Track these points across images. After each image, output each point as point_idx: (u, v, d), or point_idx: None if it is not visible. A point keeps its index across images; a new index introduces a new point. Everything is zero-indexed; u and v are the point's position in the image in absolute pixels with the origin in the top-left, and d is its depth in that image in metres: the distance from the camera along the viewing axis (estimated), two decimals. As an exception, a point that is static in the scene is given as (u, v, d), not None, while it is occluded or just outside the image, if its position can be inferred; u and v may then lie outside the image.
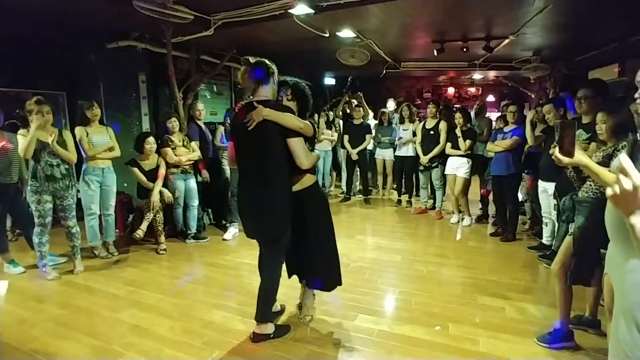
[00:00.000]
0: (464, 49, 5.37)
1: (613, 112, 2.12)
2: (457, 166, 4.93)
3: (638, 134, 1.40)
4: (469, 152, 4.85)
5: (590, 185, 2.27)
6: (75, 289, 3.25)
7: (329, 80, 8.89)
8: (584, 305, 2.55)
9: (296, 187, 2.38)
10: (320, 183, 6.74)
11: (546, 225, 3.92)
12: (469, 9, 4.08)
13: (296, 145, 2.24)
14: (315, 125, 6.55)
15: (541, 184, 3.77)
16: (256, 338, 2.40)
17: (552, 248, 3.64)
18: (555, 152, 1.57)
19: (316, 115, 6.64)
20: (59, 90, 5.59)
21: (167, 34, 4.13)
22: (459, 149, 4.88)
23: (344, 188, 6.73)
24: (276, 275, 2.42)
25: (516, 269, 3.67)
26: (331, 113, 7.17)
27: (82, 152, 3.79)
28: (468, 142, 4.79)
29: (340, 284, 2.64)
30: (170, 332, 2.55)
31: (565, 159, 1.54)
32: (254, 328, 2.45)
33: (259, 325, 2.42)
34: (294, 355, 2.29)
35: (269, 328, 2.43)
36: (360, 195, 6.72)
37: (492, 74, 8.68)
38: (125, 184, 4.92)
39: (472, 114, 6.12)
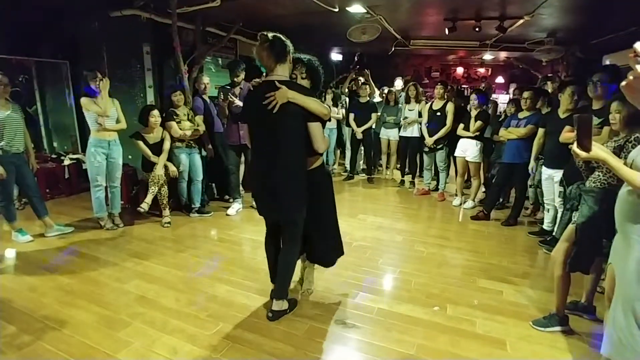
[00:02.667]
0: (477, 29, 5.24)
1: (628, 102, 2.08)
2: (466, 148, 4.89)
3: None
4: (478, 133, 4.79)
5: (599, 175, 2.26)
6: (82, 259, 3.32)
7: (336, 56, 8.72)
8: (581, 291, 2.60)
9: (308, 168, 2.39)
10: (324, 161, 6.79)
11: (548, 211, 3.93)
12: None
13: (316, 129, 2.25)
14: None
15: (546, 171, 3.76)
16: (275, 316, 2.44)
17: (553, 234, 3.67)
18: (573, 147, 1.55)
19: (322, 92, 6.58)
20: (62, 59, 5.52)
21: (172, 3, 4.02)
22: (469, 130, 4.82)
23: (348, 166, 6.72)
24: (296, 254, 2.47)
25: (516, 253, 3.71)
26: (337, 90, 7.08)
27: (89, 124, 3.79)
28: (478, 123, 4.71)
29: (342, 253, 2.72)
30: (175, 304, 2.63)
31: (583, 154, 1.53)
32: (267, 304, 2.52)
33: (277, 302, 2.46)
34: (296, 330, 2.36)
35: (285, 304, 2.49)
36: (364, 174, 6.72)
37: (503, 54, 8.50)
38: (130, 157, 4.93)
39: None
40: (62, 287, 2.82)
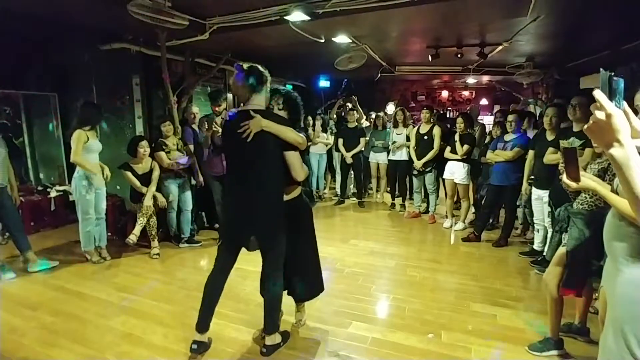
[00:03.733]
0: (459, 55, 5.42)
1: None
2: (454, 171, 4.95)
3: None
4: (465, 157, 4.86)
5: (585, 197, 2.30)
6: (67, 295, 3.22)
7: (324, 83, 8.90)
8: (574, 312, 2.59)
9: (285, 198, 2.36)
10: (314, 186, 6.82)
11: (538, 231, 3.97)
12: (464, 16, 4.11)
13: (293, 158, 2.24)
14: (310, 130, 6.58)
15: (535, 192, 3.82)
16: (269, 351, 2.36)
17: (544, 255, 3.68)
18: (563, 177, 1.61)
19: (310, 118, 6.69)
20: (50, 92, 5.52)
21: (162, 37, 4.09)
22: (457, 153, 4.90)
23: (338, 191, 6.74)
24: (281, 284, 2.40)
25: (508, 274, 3.71)
26: (326, 116, 7.18)
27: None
28: (465, 147, 4.80)
29: (321, 290, 2.65)
30: (163, 340, 2.54)
31: (573, 184, 1.59)
32: (258, 338, 2.46)
33: (269, 337, 2.38)
34: (289, 364, 2.30)
35: (278, 337, 2.41)
36: (354, 199, 6.74)
37: (485, 78, 8.77)
38: (118, 187, 4.88)
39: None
40: (45, 326, 2.71)
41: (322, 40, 4.58)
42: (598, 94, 0.92)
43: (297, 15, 3.56)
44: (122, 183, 4.41)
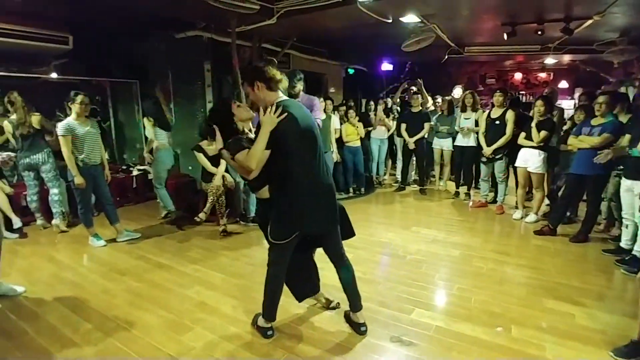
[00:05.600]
0: (539, 32, 4.95)
1: None
2: (527, 158, 4.59)
3: None
4: (542, 144, 4.47)
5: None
6: (148, 264, 3.56)
7: (386, 66, 8.68)
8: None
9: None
10: (374, 172, 6.75)
11: (626, 227, 3.57)
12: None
13: None
14: (372, 115, 6.49)
15: (625, 182, 3.43)
16: (366, 328, 2.43)
17: (633, 254, 3.32)
18: None
19: (372, 103, 6.58)
20: (132, 79, 6.02)
21: (233, 23, 4.24)
22: (532, 139, 4.52)
23: (399, 177, 6.61)
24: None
25: (588, 272, 3.40)
26: (389, 100, 7.02)
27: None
28: (543, 133, 4.40)
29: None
30: (233, 311, 2.72)
31: None
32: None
33: (360, 314, 2.45)
34: (351, 344, 2.33)
35: (363, 313, 2.47)
36: (415, 186, 6.56)
37: (567, 58, 7.95)
38: (190, 167, 5.23)
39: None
40: (131, 290, 3.04)
41: (390, 21, 4.44)
42: None
43: (365, -5, 3.49)
44: (195, 164, 4.72)
